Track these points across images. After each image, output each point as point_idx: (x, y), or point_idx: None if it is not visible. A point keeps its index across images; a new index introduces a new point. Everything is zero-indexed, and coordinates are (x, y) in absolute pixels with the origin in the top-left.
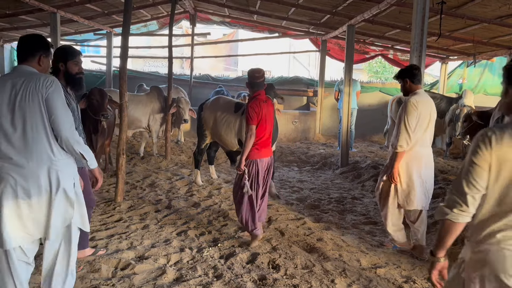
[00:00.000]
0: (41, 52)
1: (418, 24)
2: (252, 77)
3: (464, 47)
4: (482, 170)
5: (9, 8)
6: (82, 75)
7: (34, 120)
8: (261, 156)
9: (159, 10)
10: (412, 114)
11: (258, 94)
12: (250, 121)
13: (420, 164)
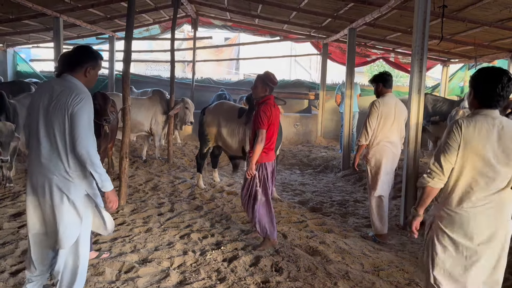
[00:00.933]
0: (89, 64)
1: (420, 27)
2: (270, 80)
3: (465, 50)
4: (453, 149)
5: (12, 13)
6: None
7: (58, 130)
8: (269, 159)
9: (161, 15)
10: (373, 114)
11: (268, 99)
12: (261, 126)
13: (386, 157)
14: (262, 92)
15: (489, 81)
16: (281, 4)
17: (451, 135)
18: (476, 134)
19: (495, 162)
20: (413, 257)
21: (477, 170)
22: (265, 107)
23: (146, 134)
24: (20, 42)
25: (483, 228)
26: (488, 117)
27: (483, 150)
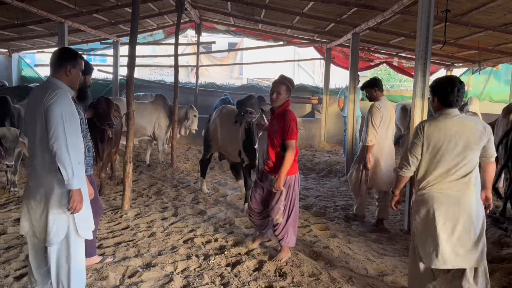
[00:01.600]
0: (69, 63)
1: (423, 31)
2: (292, 84)
3: (469, 54)
4: (418, 146)
5: (17, 18)
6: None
7: (38, 129)
8: (296, 170)
9: (165, 20)
10: (376, 115)
11: (288, 105)
12: (293, 136)
13: (382, 154)
14: (286, 98)
15: (448, 86)
16: (285, 9)
17: (415, 135)
18: (436, 132)
19: (457, 153)
20: None
21: (442, 160)
22: (292, 115)
23: (148, 138)
24: (25, 47)
25: (450, 208)
26: (449, 115)
27: (444, 143)
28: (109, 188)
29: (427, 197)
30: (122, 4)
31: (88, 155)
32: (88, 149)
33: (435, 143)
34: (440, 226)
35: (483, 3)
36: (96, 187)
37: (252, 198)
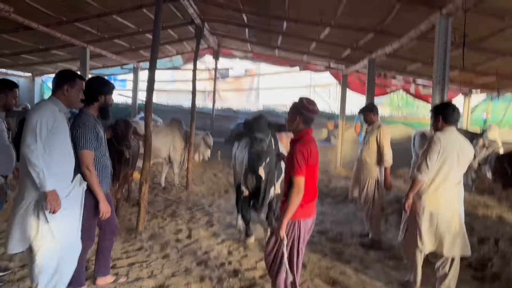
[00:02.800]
0: (67, 84)
1: (440, 57)
2: (305, 108)
3: (488, 81)
4: (436, 153)
5: (42, 43)
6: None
7: None
8: (305, 215)
9: (184, 46)
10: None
11: (305, 134)
12: (297, 172)
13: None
14: (295, 125)
15: (450, 107)
16: (301, 35)
17: (435, 143)
18: (449, 143)
19: (458, 163)
20: None
21: (449, 167)
22: (301, 146)
23: (163, 161)
24: (47, 71)
25: (449, 206)
26: (453, 131)
27: (452, 153)
28: (125, 209)
29: (432, 198)
30: (143, 31)
31: (106, 173)
32: (106, 168)
33: (447, 153)
34: (440, 221)
35: (501, 29)
36: (113, 206)
37: None
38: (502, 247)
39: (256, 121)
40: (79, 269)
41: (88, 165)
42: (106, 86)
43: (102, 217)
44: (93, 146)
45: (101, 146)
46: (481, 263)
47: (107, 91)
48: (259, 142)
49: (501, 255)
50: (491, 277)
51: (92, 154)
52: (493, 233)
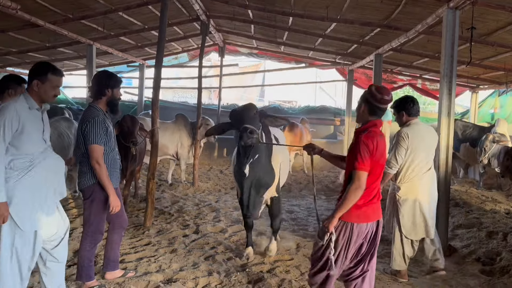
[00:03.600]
0: (37, 78)
1: (448, 51)
2: (373, 97)
3: (495, 76)
4: (403, 149)
5: (49, 41)
6: (120, 100)
7: None
8: (362, 218)
9: (189, 43)
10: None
11: (373, 125)
12: (359, 165)
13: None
14: (361, 114)
15: (409, 101)
16: (307, 31)
17: (402, 140)
18: (415, 136)
19: (426, 150)
20: (445, 285)
21: (420, 157)
22: (367, 138)
23: (171, 158)
24: None
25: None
26: (417, 123)
27: (420, 144)
28: (132, 205)
29: (408, 186)
30: (149, 28)
31: (115, 168)
32: (115, 162)
33: (415, 144)
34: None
35: (509, 22)
36: (122, 200)
37: None
38: (511, 241)
39: (244, 111)
40: (88, 264)
41: (97, 159)
42: (112, 80)
43: (112, 211)
44: (102, 140)
45: (110, 141)
46: (489, 257)
47: (114, 84)
48: (249, 134)
49: (510, 249)
50: (499, 271)
51: (101, 149)
52: (502, 227)
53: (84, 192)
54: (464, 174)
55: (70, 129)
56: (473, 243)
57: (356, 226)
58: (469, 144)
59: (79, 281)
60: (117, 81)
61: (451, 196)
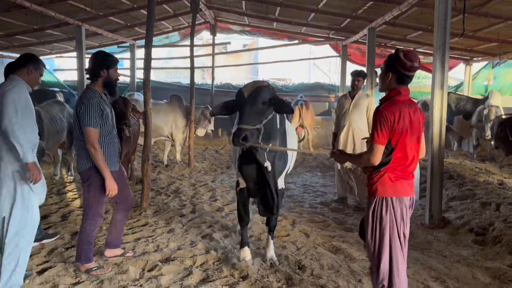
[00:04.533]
0: (31, 65)
1: (441, 22)
2: (403, 64)
3: (489, 47)
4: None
5: (36, 23)
6: (117, 81)
7: None
8: (398, 192)
9: (180, 21)
10: None
11: (397, 93)
12: (375, 138)
13: None
14: (387, 83)
15: None
16: (299, 5)
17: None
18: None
19: None
20: (439, 256)
21: None
22: (387, 108)
23: (165, 139)
24: (44, 52)
25: None
26: None
27: None
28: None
29: None
30: (138, 6)
31: (114, 151)
32: (113, 145)
33: None
34: None
35: None
36: (127, 181)
37: None
38: (504, 212)
39: (250, 98)
40: (87, 246)
41: (92, 142)
42: (106, 60)
43: (108, 195)
44: (98, 123)
45: (106, 124)
46: (482, 227)
47: (109, 64)
48: (240, 141)
49: (502, 219)
50: (492, 241)
51: (96, 132)
52: (495, 198)
53: (81, 175)
54: (457, 147)
55: (62, 113)
56: (466, 214)
57: (395, 200)
58: (463, 117)
59: (78, 262)
60: (112, 61)
61: (445, 169)
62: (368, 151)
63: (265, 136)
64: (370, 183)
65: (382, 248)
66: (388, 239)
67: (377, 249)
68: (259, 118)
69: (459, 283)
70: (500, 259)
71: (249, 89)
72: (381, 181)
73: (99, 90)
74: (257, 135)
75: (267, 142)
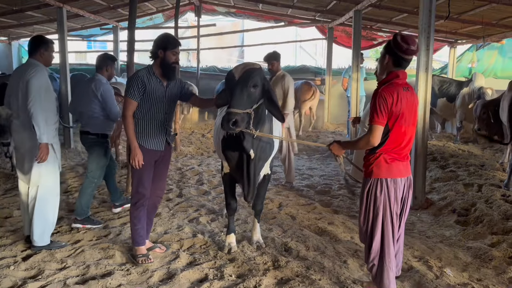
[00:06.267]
0: (42, 47)
1: (426, 4)
2: (398, 46)
3: (473, 30)
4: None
5: (16, 4)
6: (176, 65)
7: (20, 97)
8: (393, 173)
9: (164, 3)
10: None
11: (395, 76)
12: (374, 119)
13: None
14: (385, 66)
15: None
16: None
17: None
18: None
19: None
20: (422, 236)
21: None
22: (386, 90)
23: None
24: (24, 34)
25: None
26: None
27: None
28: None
29: None
30: None
31: (153, 130)
32: (153, 124)
33: None
34: None
35: None
36: (166, 167)
37: None
38: (485, 192)
39: (248, 72)
40: (133, 227)
41: (125, 111)
42: (163, 41)
43: (132, 163)
44: (135, 96)
45: (149, 102)
46: (464, 208)
47: (165, 46)
48: (230, 125)
49: (484, 200)
50: (474, 221)
51: (132, 103)
52: (477, 179)
53: (128, 148)
54: (441, 129)
55: None
56: (449, 195)
57: (390, 181)
58: (446, 99)
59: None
60: (170, 43)
61: (429, 151)
62: (368, 132)
63: (255, 121)
64: (366, 165)
65: (375, 228)
66: (381, 220)
67: (369, 228)
68: (250, 102)
69: (442, 262)
70: (482, 239)
71: (239, 71)
72: (376, 163)
73: (156, 71)
74: (248, 120)
75: (256, 128)
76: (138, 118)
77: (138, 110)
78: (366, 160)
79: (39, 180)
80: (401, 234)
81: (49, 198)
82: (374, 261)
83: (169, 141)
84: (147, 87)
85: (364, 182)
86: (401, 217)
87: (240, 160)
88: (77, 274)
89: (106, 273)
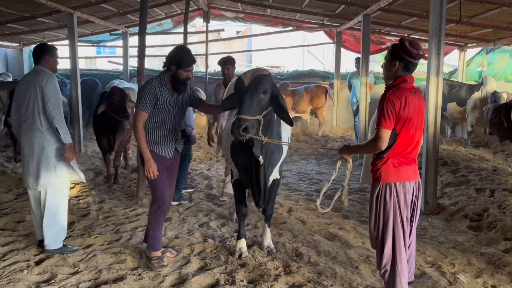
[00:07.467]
0: (47, 54)
1: (437, 8)
2: (405, 51)
3: (483, 33)
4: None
5: (27, 11)
6: (188, 81)
7: (31, 103)
8: (401, 177)
9: (173, 8)
10: None
11: (403, 81)
12: (381, 122)
13: None
14: (393, 71)
15: None
16: None
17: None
18: None
19: None
20: (434, 241)
21: None
22: (394, 94)
23: None
24: (35, 40)
25: None
26: None
27: None
28: (123, 176)
29: None
30: None
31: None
32: (164, 133)
33: None
34: None
35: None
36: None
37: None
38: (498, 198)
39: (250, 87)
40: (151, 233)
41: (136, 122)
42: (177, 58)
43: (147, 175)
44: (147, 108)
45: (160, 112)
46: (477, 213)
47: (179, 63)
48: (240, 132)
49: (497, 205)
50: (487, 226)
51: (142, 114)
52: (489, 184)
53: (140, 157)
54: (451, 133)
55: None
56: (461, 200)
57: (399, 185)
58: (456, 103)
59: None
60: (184, 62)
61: (440, 155)
62: (375, 136)
63: (264, 127)
64: (374, 170)
65: (386, 233)
66: (391, 224)
67: (380, 234)
68: (259, 108)
69: (455, 268)
70: (495, 245)
71: (249, 77)
72: (384, 168)
73: (167, 80)
74: (257, 126)
75: (265, 134)
76: (147, 127)
77: (148, 120)
78: (373, 165)
79: (47, 182)
80: (413, 239)
81: (59, 201)
82: (387, 266)
83: (178, 149)
84: (159, 100)
85: (373, 187)
86: (412, 222)
87: (250, 166)
88: (90, 278)
89: (118, 278)
